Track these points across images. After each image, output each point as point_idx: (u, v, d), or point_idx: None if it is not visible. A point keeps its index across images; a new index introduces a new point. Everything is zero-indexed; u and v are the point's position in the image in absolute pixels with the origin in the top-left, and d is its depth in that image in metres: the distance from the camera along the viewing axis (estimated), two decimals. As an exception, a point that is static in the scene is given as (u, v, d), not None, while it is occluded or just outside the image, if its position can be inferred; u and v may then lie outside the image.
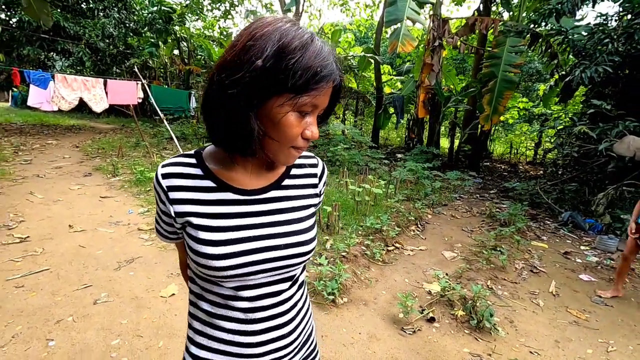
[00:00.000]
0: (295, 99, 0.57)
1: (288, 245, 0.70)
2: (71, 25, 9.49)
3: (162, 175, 0.67)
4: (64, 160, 6.83)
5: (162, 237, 0.79)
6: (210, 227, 0.66)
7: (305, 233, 0.73)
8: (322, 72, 0.57)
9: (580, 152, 5.46)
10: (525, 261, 3.68)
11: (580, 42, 5.79)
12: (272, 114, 0.59)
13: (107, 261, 3.04)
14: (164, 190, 0.67)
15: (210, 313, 0.72)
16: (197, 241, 0.66)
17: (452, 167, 8.82)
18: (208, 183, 0.68)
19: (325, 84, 0.59)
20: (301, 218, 0.75)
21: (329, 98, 0.64)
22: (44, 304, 2.38)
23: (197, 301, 0.74)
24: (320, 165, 0.84)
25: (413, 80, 9.75)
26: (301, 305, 0.80)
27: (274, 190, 0.73)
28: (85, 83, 6.79)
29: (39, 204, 4.30)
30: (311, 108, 0.61)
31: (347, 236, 3.66)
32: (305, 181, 0.80)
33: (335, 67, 0.60)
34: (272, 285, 0.72)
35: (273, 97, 0.58)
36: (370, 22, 17.32)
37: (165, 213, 0.70)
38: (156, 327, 2.25)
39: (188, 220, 0.67)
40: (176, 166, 0.69)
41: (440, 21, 8.12)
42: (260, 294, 0.71)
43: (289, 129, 0.60)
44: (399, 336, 2.34)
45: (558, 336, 2.47)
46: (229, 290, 0.69)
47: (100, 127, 12.91)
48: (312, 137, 0.63)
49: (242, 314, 0.70)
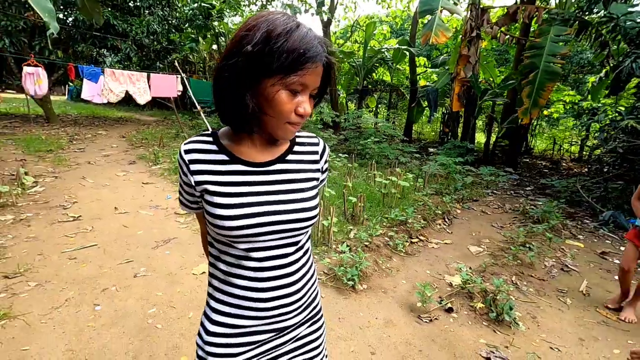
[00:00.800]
0: (284, 79, 0.67)
1: (292, 211, 0.80)
2: (120, 23, 10.14)
3: (185, 151, 0.80)
4: (111, 149, 7.40)
5: (184, 207, 0.90)
6: (224, 193, 0.77)
7: (307, 202, 0.83)
8: (307, 54, 0.66)
9: (627, 147, 5.10)
10: (557, 259, 3.55)
11: (633, 30, 5.37)
12: (266, 93, 0.69)
13: (147, 240, 3.32)
14: (186, 163, 0.79)
15: (225, 272, 0.83)
16: (212, 205, 0.77)
17: (488, 163, 8.52)
18: (222, 157, 0.80)
19: (311, 65, 0.68)
20: (303, 189, 0.85)
21: (319, 78, 0.73)
22: (92, 275, 2.67)
23: (215, 262, 0.86)
24: (321, 144, 0.95)
25: (448, 73, 9.47)
26: (305, 270, 0.90)
27: (279, 163, 0.84)
28: (131, 77, 7.28)
29: (90, 187, 4.73)
30: (301, 87, 0.70)
31: (371, 227, 3.72)
32: (307, 157, 0.90)
33: (320, 49, 0.69)
34: (279, 248, 0.82)
35: (264, 78, 0.68)
36: (407, 13, 16.89)
37: (187, 184, 0.82)
38: (187, 300, 2.46)
39: (205, 187, 0.79)
40: (196, 143, 0.81)
41: (478, 10, 7.80)
42: (268, 255, 0.81)
43: (281, 106, 0.70)
44: (415, 324, 2.39)
45: (583, 334, 2.40)
46: (241, 251, 0.80)
47: (144, 119, 13.73)
48: (305, 113, 0.72)
49: (252, 272, 0.81)
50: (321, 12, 12.91)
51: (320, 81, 0.74)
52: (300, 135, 0.92)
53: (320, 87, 0.76)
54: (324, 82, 0.76)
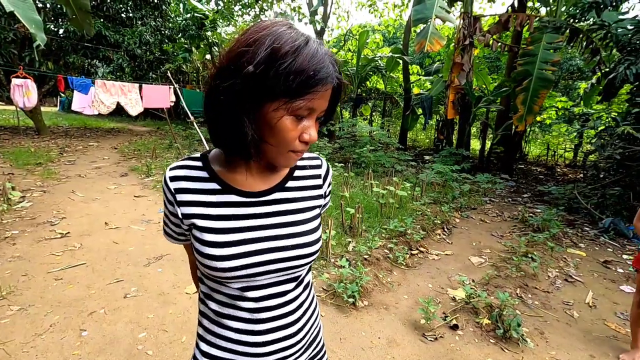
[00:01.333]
0: (290, 104, 0.57)
1: (293, 247, 0.71)
2: (111, 34, 10.05)
3: (170, 178, 0.70)
4: (103, 161, 7.25)
5: (170, 239, 0.81)
6: (215, 228, 0.68)
7: (309, 234, 0.74)
8: (317, 76, 0.57)
9: (624, 154, 5.09)
10: (560, 269, 3.48)
11: (625, 37, 5.42)
12: (268, 118, 0.59)
13: (138, 257, 3.19)
14: (172, 192, 0.70)
15: (218, 312, 0.74)
16: (202, 243, 0.67)
17: (484, 170, 8.51)
18: (213, 185, 0.70)
19: (320, 87, 0.58)
20: (305, 219, 0.75)
21: (327, 100, 0.63)
22: (80, 296, 2.53)
23: (205, 300, 0.76)
24: (324, 165, 0.84)
25: (442, 80, 9.50)
26: (307, 306, 0.81)
27: (278, 192, 0.74)
28: (122, 88, 7.18)
29: (79, 202, 4.59)
30: (307, 112, 0.61)
31: (370, 239, 3.62)
32: (309, 182, 0.80)
33: (332, 69, 0.59)
34: (278, 285, 0.73)
35: (267, 102, 0.58)
36: (399, 22, 17.08)
37: (173, 214, 0.72)
38: (180, 322, 2.33)
39: (193, 222, 0.69)
40: (183, 169, 0.71)
41: (471, 19, 7.87)
42: (266, 294, 0.72)
43: (285, 134, 0.60)
44: (420, 342, 2.29)
45: (594, 350, 2.31)
46: (235, 290, 0.71)
47: (136, 129, 13.59)
48: (310, 140, 0.63)
49: (248, 313, 0.71)
50: (314, 21, 12.97)
51: (328, 103, 0.65)
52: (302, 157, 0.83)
53: (328, 109, 0.67)
54: (332, 104, 0.67)
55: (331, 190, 0.89)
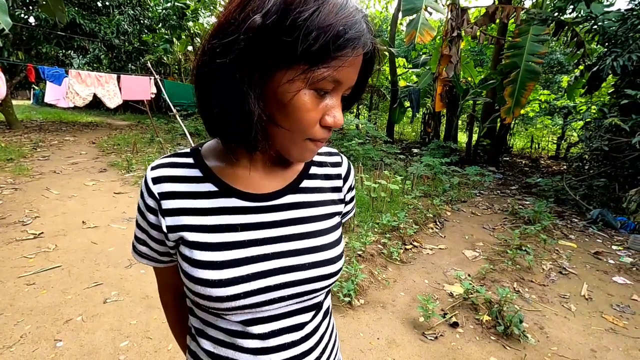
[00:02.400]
0: (310, 72, 0.43)
1: (312, 265, 0.55)
2: (87, 23, 9.57)
3: (153, 180, 0.54)
4: (80, 156, 6.91)
5: (146, 261, 0.61)
6: (209, 244, 0.52)
7: (332, 248, 0.58)
8: (347, 34, 0.42)
9: (610, 145, 5.14)
10: (553, 262, 3.47)
11: (611, 29, 5.44)
12: (280, 92, 0.44)
13: (119, 258, 3.00)
14: (155, 198, 0.53)
15: (212, 354, 0.57)
16: (192, 263, 0.51)
17: (471, 162, 8.54)
18: (208, 187, 0.54)
19: (351, 51, 0.44)
20: (326, 229, 0.60)
21: (357, 72, 0.48)
22: (54, 303, 2.33)
23: (197, 337, 0.60)
24: (345, 164, 0.68)
25: (430, 73, 9.46)
26: (327, 340, 0.65)
27: (290, 194, 0.58)
28: (99, 79, 6.82)
29: (54, 199, 4.32)
30: (332, 85, 0.46)
31: (363, 234, 3.52)
32: (328, 183, 0.64)
33: (365, 27, 0.45)
34: (292, 316, 0.57)
35: (280, 70, 0.43)
36: (385, 14, 16.96)
37: (154, 227, 0.55)
38: (166, 328, 2.17)
39: (182, 235, 0.53)
40: (169, 167, 0.55)
41: (458, 10, 7.81)
42: (276, 329, 0.55)
43: (302, 114, 0.45)
44: (420, 342, 2.20)
45: (594, 344, 2.28)
46: (235, 324, 0.55)
47: (116, 123, 13.10)
48: (335, 124, 0.48)
49: (252, 356, 0.55)
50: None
51: (359, 77, 0.49)
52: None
53: (357, 86, 0.51)
54: (362, 78, 0.51)
55: (354, 196, 0.73)
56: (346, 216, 0.71)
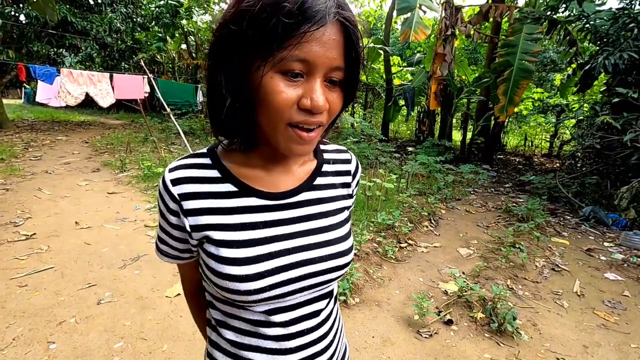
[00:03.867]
0: (272, 55, 0.43)
1: (328, 257, 0.59)
2: (79, 21, 9.45)
3: (172, 182, 0.55)
4: (72, 156, 6.83)
5: (168, 259, 0.64)
6: (235, 241, 0.54)
7: (344, 241, 0.62)
8: (301, 9, 0.41)
9: (602, 143, 5.20)
10: (546, 259, 3.50)
11: (603, 28, 5.49)
12: (252, 80, 0.46)
13: (113, 259, 2.97)
14: (175, 199, 0.55)
15: (235, 343, 0.60)
16: (218, 260, 0.53)
17: (465, 161, 8.59)
18: (228, 187, 0.56)
19: (308, 26, 0.42)
20: (338, 223, 0.63)
21: (334, 49, 0.45)
22: (47, 304, 2.31)
23: (219, 328, 0.62)
24: (354, 161, 0.72)
25: (424, 71, 9.48)
26: (337, 324, 0.70)
27: (306, 191, 0.61)
28: (91, 78, 6.75)
29: (47, 200, 4.27)
30: (300, 65, 0.45)
31: (358, 233, 3.53)
32: (338, 180, 0.67)
33: (329, 1, 0.43)
34: (310, 304, 0.61)
35: (248, 59, 0.45)
36: (380, 12, 16.97)
37: (177, 227, 0.57)
38: (161, 329, 2.16)
39: (207, 235, 0.55)
40: (188, 169, 0.56)
41: (452, 9, 7.83)
42: (297, 316, 0.59)
43: (272, 97, 0.45)
44: (415, 340, 2.21)
45: (586, 340, 2.31)
46: (259, 315, 0.58)
47: (109, 122, 12.98)
48: (312, 106, 0.46)
49: (275, 342, 0.58)
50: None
51: (344, 55, 0.47)
52: (327, 149, 0.68)
53: (348, 65, 0.48)
54: (350, 57, 0.48)
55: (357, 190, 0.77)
56: (350, 208, 0.75)
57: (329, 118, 0.52)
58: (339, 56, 0.46)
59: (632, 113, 4.74)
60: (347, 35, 0.46)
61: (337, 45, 0.45)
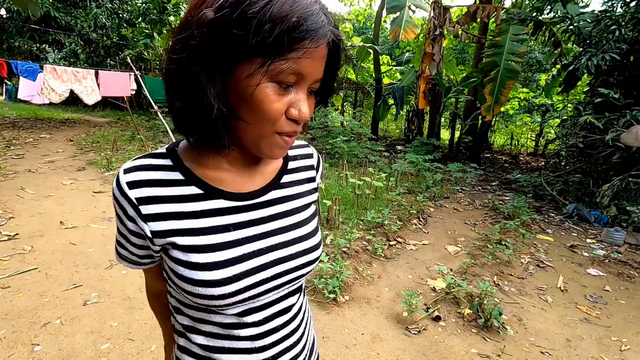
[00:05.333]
0: (268, 65, 0.43)
1: (299, 254, 0.59)
2: (62, 16, 9.24)
3: (129, 184, 0.51)
4: (57, 154, 6.67)
5: (129, 264, 0.62)
6: (204, 246, 0.52)
7: (313, 236, 0.63)
8: (304, 25, 0.42)
9: (585, 142, 5.33)
10: (531, 255, 3.58)
11: (586, 30, 5.63)
12: (241, 87, 0.45)
13: (99, 259, 2.92)
14: (133, 203, 0.51)
15: (207, 347, 0.58)
16: (187, 266, 0.52)
17: (453, 159, 8.70)
18: (192, 190, 0.54)
19: (309, 43, 0.44)
20: (306, 219, 0.64)
21: (322, 64, 0.48)
22: (31, 306, 2.26)
23: (187, 334, 0.60)
24: (315, 154, 0.72)
25: (413, 71, 9.56)
26: (305, 315, 0.70)
27: (274, 190, 0.61)
28: (76, 74, 6.60)
29: (30, 199, 4.17)
30: (294, 78, 0.46)
31: (348, 231, 3.55)
32: (303, 175, 0.67)
33: (324, 19, 0.45)
34: (282, 301, 0.61)
35: (239, 65, 0.44)
36: (369, 11, 17.01)
37: (135, 233, 0.55)
38: (148, 329, 2.14)
39: (172, 241, 0.52)
40: (147, 170, 0.53)
41: (441, 9, 7.91)
42: (269, 314, 0.59)
43: (265, 106, 0.46)
44: (404, 336, 2.24)
45: (569, 334, 2.37)
46: (231, 317, 0.56)
47: (95, 120, 12.71)
48: (300, 117, 0.48)
49: (249, 342, 0.58)
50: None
51: (325, 70, 0.50)
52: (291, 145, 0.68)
53: (326, 78, 0.51)
54: (330, 72, 0.51)
55: None
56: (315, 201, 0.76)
57: (305, 123, 0.54)
58: (322, 70, 0.49)
59: (613, 113, 4.87)
60: (333, 51, 0.49)
61: (323, 60, 0.48)
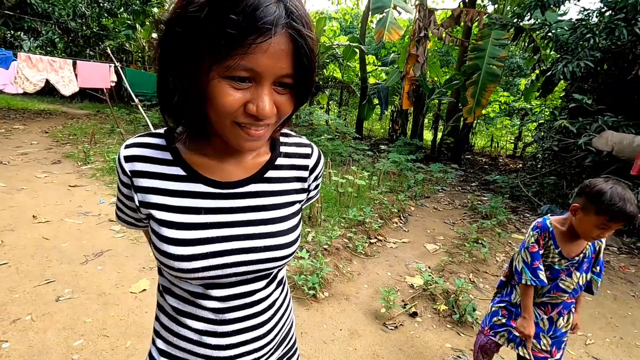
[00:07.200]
0: (220, 62, 0.44)
1: (266, 248, 0.61)
2: (38, 2, 8.88)
3: (126, 158, 0.58)
4: (31, 146, 6.43)
5: (125, 224, 0.69)
6: (175, 223, 0.57)
7: (286, 234, 0.64)
8: (248, 20, 0.41)
9: (560, 146, 5.53)
10: (506, 254, 3.70)
11: (563, 37, 5.82)
12: (201, 82, 0.47)
13: (73, 254, 2.85)
14: (127, 174, 0.58)
15: (177, 309, 0.64)
16: (160, 238, 0.57)
17: (435, 160, 8.85)
18: (177, 170, 0.58)
19: (257, 38, 0.42)
20: (283, 217, 0.64)
21: (285, 58, 0.46)
22: (0, 302, 2.19)
23: (164, 294, 0.66)
24: (315, 156, 0.71)
25: (398, 71, 9.67)
26: (280, 304, 0.72)
27: (255, 183, 0.62)
28: (52, 64, 6.37)
29: (1, 192, 4.01)
30: (247, 73, 0.45)
31: (330, 228, 3.57)
32: (292, 173, 0.68)
33: (276, 10, 0.43)
34: (246, 284, 0.63)
35: (197, 60, 0.46)
36: (356, 10, 17.09)
37: (129, 198, 0.61)
38: (124, 325, 2.11)
39: (151, 213, 0.58)
40: (142, 148, 0.59)
41: (426, 11, 8.03)
42: (232, 293, 0.62)
43: (219, 100, 0.47)
44: (381, 332, 2.28)
45: (538, 329, 2.46)
46: (197, 287, 0.61)
47: (73, 112, 12.29)
48: (259, 113, 0.48)
49: (213, 314, 0.62)
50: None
51: (294, 63, 0.47)
52: (287, 141, 0.68)
53: (297, 72, 0.48)
54: (301, 65, 0.47)
55: (320, 184, 0.78)
56: (309, 201, 0.77)
57: (279, 119, 0.53)
58: (288, 65, 0.47)
59: (586, 118, 5.07)
60: (298, 45, 0.46)
61: (286, 54, 0.46)
